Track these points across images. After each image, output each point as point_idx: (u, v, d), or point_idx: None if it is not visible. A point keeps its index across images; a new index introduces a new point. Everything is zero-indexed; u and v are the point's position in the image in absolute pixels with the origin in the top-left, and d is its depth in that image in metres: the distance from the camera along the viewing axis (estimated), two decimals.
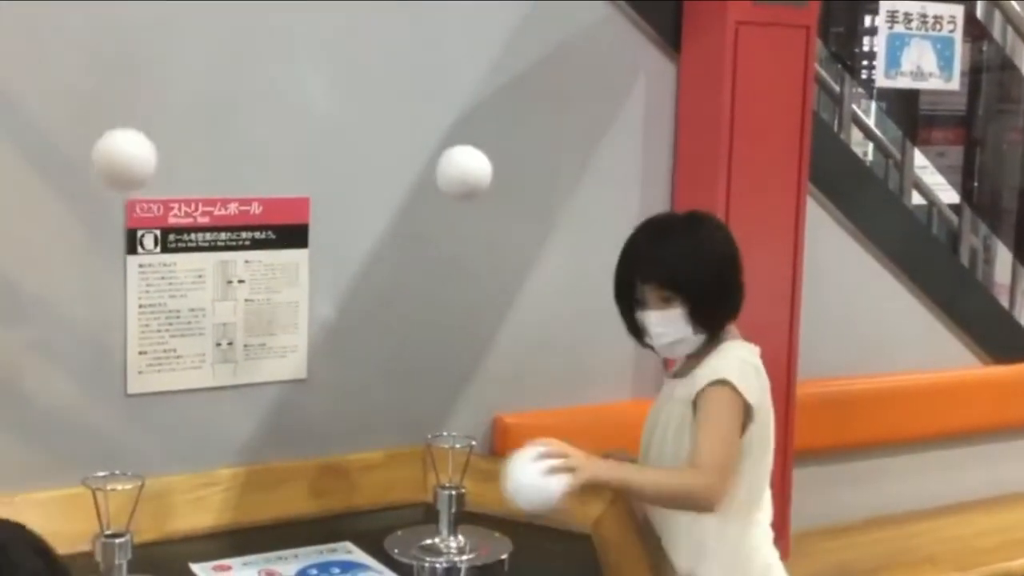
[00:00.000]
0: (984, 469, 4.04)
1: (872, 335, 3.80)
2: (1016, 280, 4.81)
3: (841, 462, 3.75)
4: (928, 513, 3.87)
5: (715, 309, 2.37)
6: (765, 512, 2.45)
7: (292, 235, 2.76)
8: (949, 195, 5.13)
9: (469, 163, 2.51)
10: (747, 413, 2.32)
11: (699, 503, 2.28)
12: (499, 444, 3.00)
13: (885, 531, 3.74)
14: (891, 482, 3.86)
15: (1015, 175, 5.32)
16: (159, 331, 2.63)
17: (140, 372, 2.62)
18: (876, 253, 3.77)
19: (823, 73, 4.34)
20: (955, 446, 3.97)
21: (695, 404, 2.32)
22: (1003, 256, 5.02)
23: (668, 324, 2.34)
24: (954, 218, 4.96)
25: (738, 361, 2.34)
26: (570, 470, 2.20)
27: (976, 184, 5.38)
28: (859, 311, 3.76)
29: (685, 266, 2.34)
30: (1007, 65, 5.21)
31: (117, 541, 2.16)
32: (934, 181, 5.06)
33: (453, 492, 2.51)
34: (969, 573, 3.54)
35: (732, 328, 2.42)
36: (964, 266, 4.66)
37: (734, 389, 2.29)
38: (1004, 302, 4.59)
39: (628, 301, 2.40)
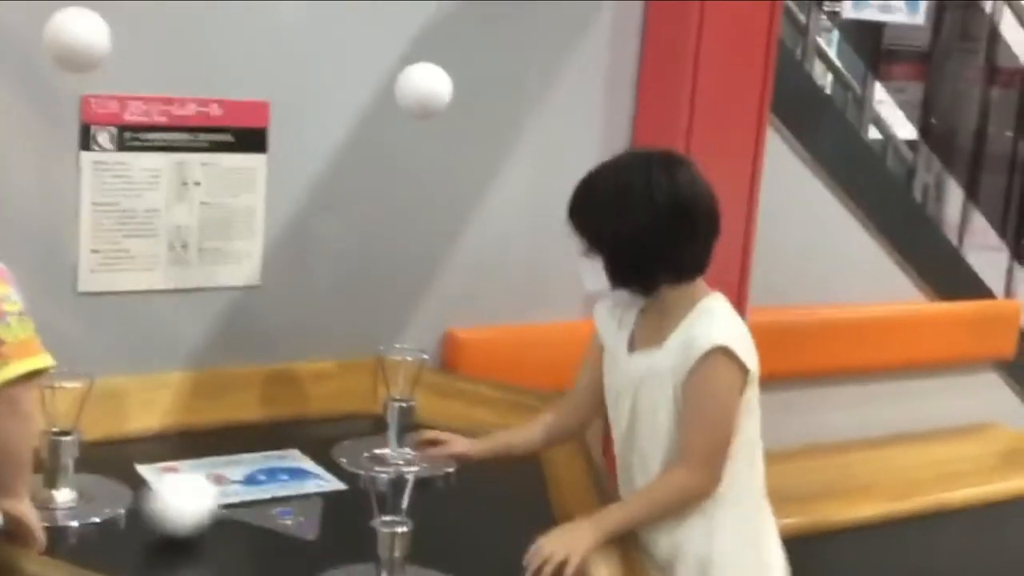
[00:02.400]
0: (924, 403, 4.10)
1: (822, 266, 3.84)
2: (965, 219, 4.87)
3: (782, 390, 3.79)
4: (866, 444, 3.91)
5: (638, 265, 2.13)
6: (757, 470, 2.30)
7: (251, 139, 2.72)
8: (906, 131, 5.16)
9: (427, 83, 2.49)
10: (744, 379, 2.12)
11: (695, 499, 2.15)
12: (451, 358, 3.01)
13: (821, 460, 3.77)
14: (832, 412, 3.91)
15: (971, 114, 5.36)
16: (112, 230, 2.60)
17: (92, 271, 2.59)
18: (831, 185, 3.79)
19: (789, 2, 4.32)
20: (897, 379, 4.03)
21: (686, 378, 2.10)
22: (955, 195, 5.07)
23: (592, 274, 2.16)
24: (909, 154, 4.99)
25: (727, 321, 2.15)
26: (562, 560, 1.98)
27: (933, 121, 5.41)
28: (811, 241, 3.79)
29: (597, 217, 2.13)
30: (970, 2, 5.22)
31: (64, 439, 2.15)
32: (892, 116, 5.09)
33: (403, 404, 2.52)
34: (904, 503, 3.59)
35: (699, 281, 2.19)
36: (917, 202, 4.70)
37: (732, 356, 2.08)
38: (953, 240, 4.65)
39: None
